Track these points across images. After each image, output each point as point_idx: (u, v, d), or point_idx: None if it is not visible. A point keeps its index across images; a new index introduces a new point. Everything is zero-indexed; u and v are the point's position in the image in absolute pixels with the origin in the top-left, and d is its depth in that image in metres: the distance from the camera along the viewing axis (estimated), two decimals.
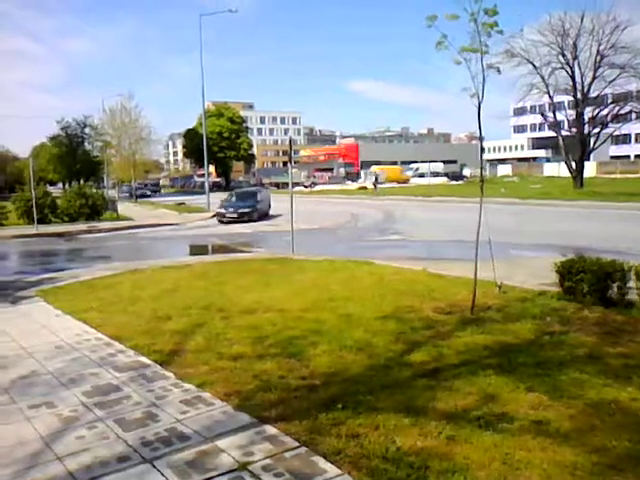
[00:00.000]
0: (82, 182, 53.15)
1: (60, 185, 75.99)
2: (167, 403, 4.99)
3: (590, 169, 61.27)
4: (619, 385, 4.96)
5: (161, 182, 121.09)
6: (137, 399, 5.12)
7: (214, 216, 29.59)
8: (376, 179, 56.62)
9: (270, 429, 4.34)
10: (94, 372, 5.91)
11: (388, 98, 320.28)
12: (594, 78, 39.04)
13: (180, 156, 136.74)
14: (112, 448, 4.18)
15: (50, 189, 35.61)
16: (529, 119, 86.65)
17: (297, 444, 4.08)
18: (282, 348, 6.28)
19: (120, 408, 4.92)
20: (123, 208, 34.61)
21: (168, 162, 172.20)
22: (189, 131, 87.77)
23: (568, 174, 43.40)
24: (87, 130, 59.61)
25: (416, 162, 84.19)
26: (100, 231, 25.05)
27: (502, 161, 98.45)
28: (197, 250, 19.61)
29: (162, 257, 15.67)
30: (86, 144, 61.03)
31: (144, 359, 6.24)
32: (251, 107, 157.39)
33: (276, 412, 4.62)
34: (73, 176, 60.49)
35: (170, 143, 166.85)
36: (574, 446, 3.93)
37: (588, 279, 7.70)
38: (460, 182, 68.61)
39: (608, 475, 3.58)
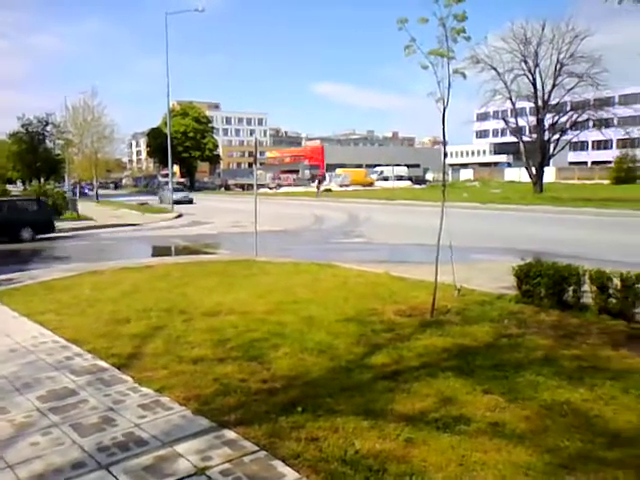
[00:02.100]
0: (42, 181, 51.91)
1: (20, 184, 74.12)
2: (125, 407, 4.91)
3: (550, 175, 62.70)
4: (572, 387, 5.09)
5: (124, 181, 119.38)
6: (94, 404, 5.03)
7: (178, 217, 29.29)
8: (319, 182, 57.04)
9: (229, 433, 4.32)
10: (50, 376, 5.78)
11: (354, 101, 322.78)
12: (554, 86, 40.11)
13: (144, 155, 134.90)
14: (67, 454, 4.09)
15: (9, 188, 34.69)
16: (491, 124, 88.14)
17: (256, 448, 4.07)
18: (243, 351, 6.25)
19: (76, 413, 4.83)
20: (84, 208, 33.91)
21: (131, 161, 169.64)
22: (153, 130, 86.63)
23: (528, 179, 44.37)
24: (49, 128, 58.10)
25: (381, 165, 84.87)
26: (60, 231, 24.49)
27: (464, 166, 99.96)
28: (159, 251, 19.36)
29: (123, 258, 15.42)
30: (47, 142, 59.53)
31: (102, 363, 6.13)
32: (217, 107, 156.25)
33: (236, 416, 4.59)
34: (33, 174, 58.97)
35: (134, 142, 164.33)
36: (528, 447, 4.02)
37: (545, 283, 7.89)
38: (423, 186, 69.51)
39: (560, 474, 3.67)
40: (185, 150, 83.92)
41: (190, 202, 46.20)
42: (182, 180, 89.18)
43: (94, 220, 29.24)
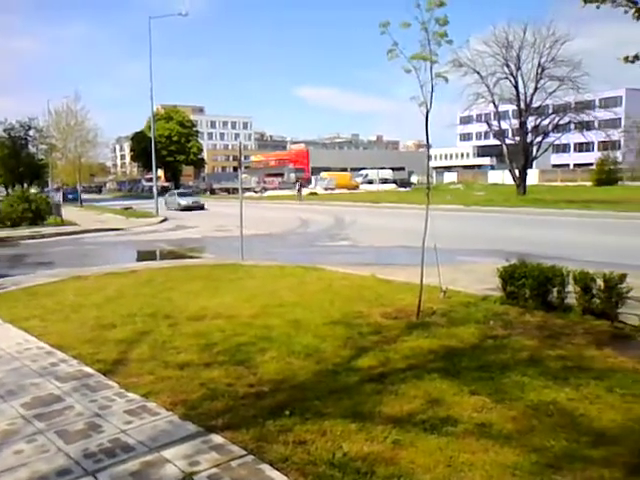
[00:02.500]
0: (25, 186, 51.39)
1: (2, 189, 73.29)
2: (111, 413, 4.87)
3: (533, 177, 63.28)
4: (558, 386, 5.13)
5: (108, 186, 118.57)
6: (80, 410, 4.98)
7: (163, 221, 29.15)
8: (300, 185, 57.15)
9: (217, 438, 4.30)
10: (35, 382, 5.71)
11: (338, 104, 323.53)
12: (536, 89, 40.53)
13: (128, 159, 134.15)
14: (52, 462, 4.05)
15: None
16: (475, 127, 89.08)
17: (244, 452, 4.06)
18: (230, 355, 6.23)
19: (62, 419, 4.78)
20: (68, 213, 33.61)
21: (115, 165, 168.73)
22: (137, 134, 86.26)
23: (512, 182, 44.72)
24: (31, 132, 57.58)
25: (365, 169, 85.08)
26: (44, 236, 24.25)
27: (448, 168, 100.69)
28: (144, 256, 19.23)
29: (107, 263, 15.30)
30: (30, 147, 58.99)
31: (87, 368, 6.07)
32: (201, 111, 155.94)
33: (223, 421, 4.57)
34: (16, 179, 58.35)
35: (117, 146, 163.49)
36: (515, 447, 4.04)
37: (530, 284, 7.94)
38: (408, 189, 69.81)
39: (546, 473, 3.70)
40: (169, 154, 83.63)
41: (201, 208, 41.94)
42: (167, 184, 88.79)
43: (78, 225, 28.99)
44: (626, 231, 21.13)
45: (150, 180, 66.23)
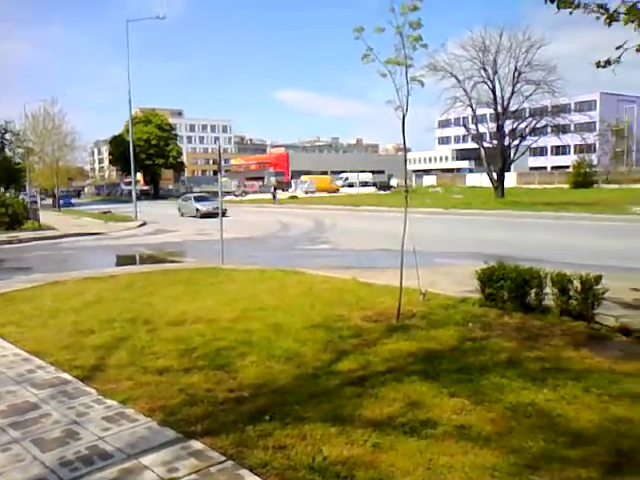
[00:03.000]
0: (2, 190, 50.66)
1: None
2: (88, 420, 4.81)
3: (510, 180, 63.88)
4: (536, 388, 5.18)
5: (86, 190, 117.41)
6: (57, 417, 4.91)
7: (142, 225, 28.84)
8: (275, 189, 57.17)
9: (196, 444, 4.27)
10: (11, 390, 5.62)
11: (318, 108, 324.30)
12: (513, 93, 40.99)
13: (106, 163, 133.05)
14: (27, 471, 3.98)
15: None
16: (453, 131, 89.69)
17: (223, 458, 4.03)
18: (210, 360, 6.19)
19: (38, 427, 4.70)
20: (46, 217, 33.16)
21: (93, 169, 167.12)
22: (115, 138, 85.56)
23: (490, 184, 45.10)
24: (7, 136, 56.86)
25: (345, 172, 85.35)
26: (21, 241, 23.91)
27: (427, 172, 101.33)
28: (123, 260, 19.05)
29: (86, 268, 15.13)
30: (7, 150, 58.17)
31: (65, 375, 5.99)
32: (180, 114, 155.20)
33: (202, 426, 4.54)
34: None
35: (96, 150, 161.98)
36: (494, 448, 4.07)
37: (508, 286, 8.02)
38: (388, 192, 70.10)
39: (525, 474, 3.73)
40: (148, 157, 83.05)
41: (223, 214, 37.93)
42: (146, 188, 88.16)
43: (56, 229, 28.64)
44: (602, 233, 21.44)
45: (129, 184, 65.55)
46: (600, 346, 6.48)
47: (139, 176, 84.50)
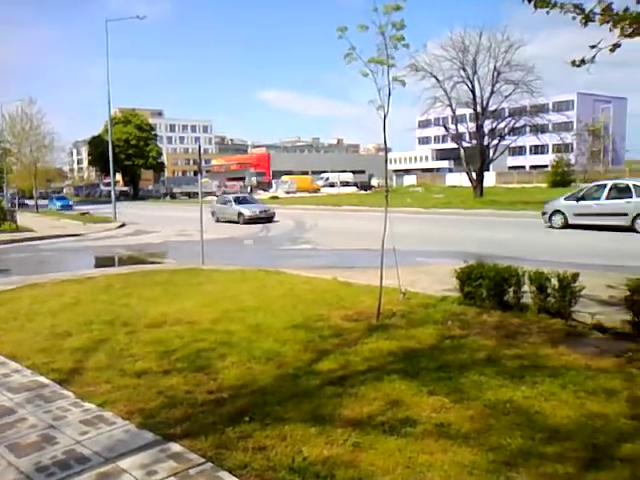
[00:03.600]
0: None
1: None
2: (66, 424, 4.75)
3: (490, 179, 64.50)
4: (514, 385, 5.23)
5: (65, 191, 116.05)
6: (33, 421, 4.84)
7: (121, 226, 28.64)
8: (251, 189, 57.06)
9: (175, 446, 4.24)
10: None
11: (299, 108, 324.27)
12: (492, 93, 41.26)
13: (85, 164, 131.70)
14: (2, 477, 3.92)
15: None
16: (433, 131, 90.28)
17: (203, 460, 4.01)
18: (189, 362, 6.15)
19: (13, 432, 4.64)
20: (23, 219, 32.73)
21: (72, 170, 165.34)
22: (95, 138, 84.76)
23: (469, 184, 45.41)
24: None
25: (326, 172, 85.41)
26: None
27: (408, 171, 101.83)
28: (102, 262, 18.85)
29: (64, 270, 14.95)
30: None
31: (42, 379, 5.91)
32: (160, 114, 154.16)
33: (181, 428, 4.51)
34: None
35: (75, 151, 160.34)
36: (473, 446, 4.10)
37: (486, 284, 8.09)
38: (369, 192, 70.30)
39: (503, 471, 3.76)
40: (128, 158, 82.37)
41: (270, 220, 30.49)
42: (125, 189, 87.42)
43: (34, 231, 28.28)
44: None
45: (108, 184, 64.89)
46: (577, 343, 6.56)
47: (118, 177, 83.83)
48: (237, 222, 30.18)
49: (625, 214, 19.77)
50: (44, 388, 5.65)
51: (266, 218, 30.23)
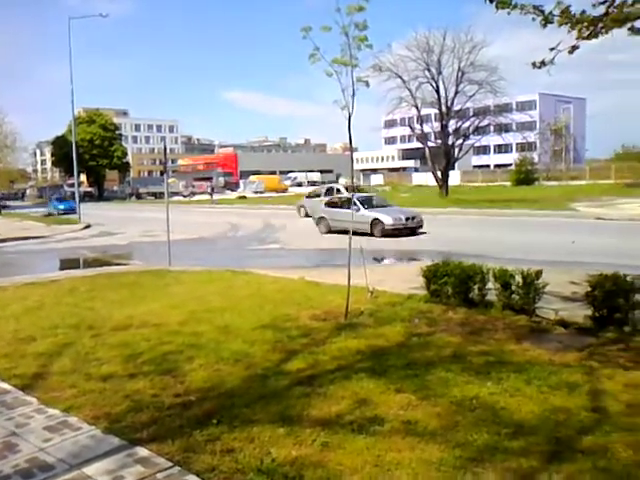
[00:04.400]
0: None
1: None
2: (29, 431, 4.65)
3: (455, 178, 65.22)
4: (480, 381, 5.30)
5: (28, 192, 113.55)
6: None
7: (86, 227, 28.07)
8: (212, 189, 56.98)
9: (142, 451, 4.19)
10: None
11: (266, 108, 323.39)
12: (456, 93, 41.78)
13: (49, 165, 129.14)
14: None
15: None
16: (399, 131, 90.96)
17: (170, 464, 3.97)
18: (156, 365, 6.08)
19: None
20: None
21: (36, 171, 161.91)
22: (58, 138, 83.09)
23: (435, 183, 45.89)
24: None
25: (294, 172, 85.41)
26: None
27: (375, 171, 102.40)
28: (67, 264, 18.51)
29: (28, 273, 14.61)
30: None
31: (3, 385, 5.77)
32: (125, 114, 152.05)
33: (148, 433, 4.46)
34: None
35: (38, 151, 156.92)
36: (440, 443, 4.15)
37: (452, 282, 8.19)
38: None
39: (469, 467, 3.81)
40: (92, 158, 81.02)
41: (416, 230, 21.10)
42: (90, 189, 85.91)
43: None
44: (542, 228, 22.13)
45: (73, 185, 63.71)
46: (541, 339, 6.70)
47: (83, 177, 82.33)
48: (369, 234, 19.98)
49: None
50: (6, 395, 5.51)
51: (413, 228, 21.23)
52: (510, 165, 75.93)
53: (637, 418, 4.46)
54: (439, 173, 43.57)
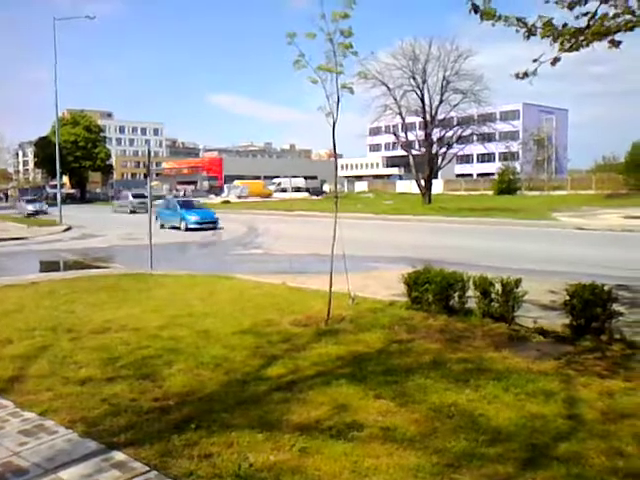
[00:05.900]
0: None
1: None
2: (3, 435, 4.58)
3: (438, 186, 65.69)
4: (458, 388, 5.34)
5: (9, 193, 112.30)
6: None
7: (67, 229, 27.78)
8: (184, 193, 57.06)
9: (119, 455, 4.15)
10: None
11: (251, 113, 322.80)
12: (441, 101, 42.26)
13: (31, 166, 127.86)
14: None
15: None
16: (384, 138, 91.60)
17: (147, 469, 3.94)
18: (135, 369, 6.04)
19: None
20: None
21: (18, 172, 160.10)
22: (41, 139, 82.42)
23: (418, 191, 46.18)
24: None
25: (279, 177, 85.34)
26: None
27: (359, 178, 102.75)
28: (46, 266, 18.31)
29: (6, 275, 14.41)
30: None
31: None
32: (110, 116, 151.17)
33: (125, 437, 4.42)
34: None
35: (20, 152, 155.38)
36: (418, 449, 4.17)
37: (432, 289, 8.23)
38: (320, 197, 70.60)
39: (447, 473, 3.84)
40: (75, 160, 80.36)
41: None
42: (72, 191, 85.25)
43: None
44: (523, 237, 22.37)
45: (55, 187, 63.07)
46: (519, 347, 6.75)
47: (65, 179, 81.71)
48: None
49: None
50: None
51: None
52: (493, 174, 76.43)
53: (611, 426, 4.52)
54: (422, 181, 43.86)
